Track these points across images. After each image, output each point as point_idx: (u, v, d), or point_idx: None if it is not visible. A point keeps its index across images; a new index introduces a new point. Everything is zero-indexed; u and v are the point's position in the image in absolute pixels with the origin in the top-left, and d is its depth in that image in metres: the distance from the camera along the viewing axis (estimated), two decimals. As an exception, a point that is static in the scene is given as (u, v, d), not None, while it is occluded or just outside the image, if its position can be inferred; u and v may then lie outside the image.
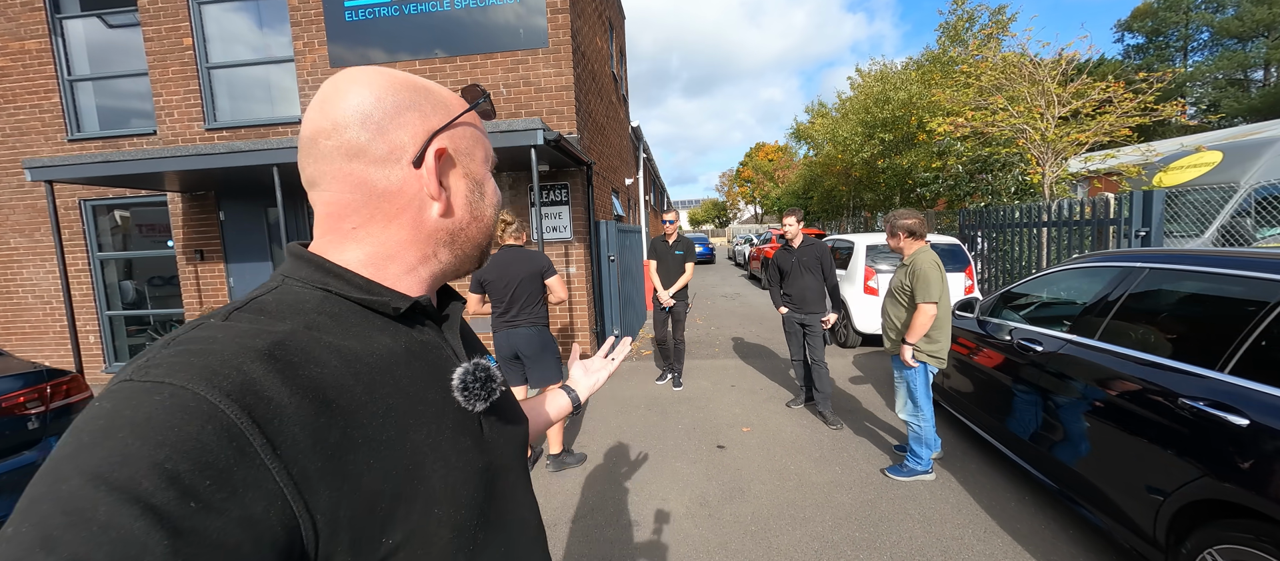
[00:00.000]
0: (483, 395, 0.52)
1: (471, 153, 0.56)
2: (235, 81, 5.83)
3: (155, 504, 0.30)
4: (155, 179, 5.08)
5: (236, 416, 0.35)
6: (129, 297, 6.74)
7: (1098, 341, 2.36)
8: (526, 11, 5.19)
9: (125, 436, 0.32)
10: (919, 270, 2.92)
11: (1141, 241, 5.41)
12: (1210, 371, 1.82)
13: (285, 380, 0.39)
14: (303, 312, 0.46)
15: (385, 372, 0.46)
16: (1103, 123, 6.68)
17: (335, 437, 0.40)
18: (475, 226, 0.57)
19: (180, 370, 0.36)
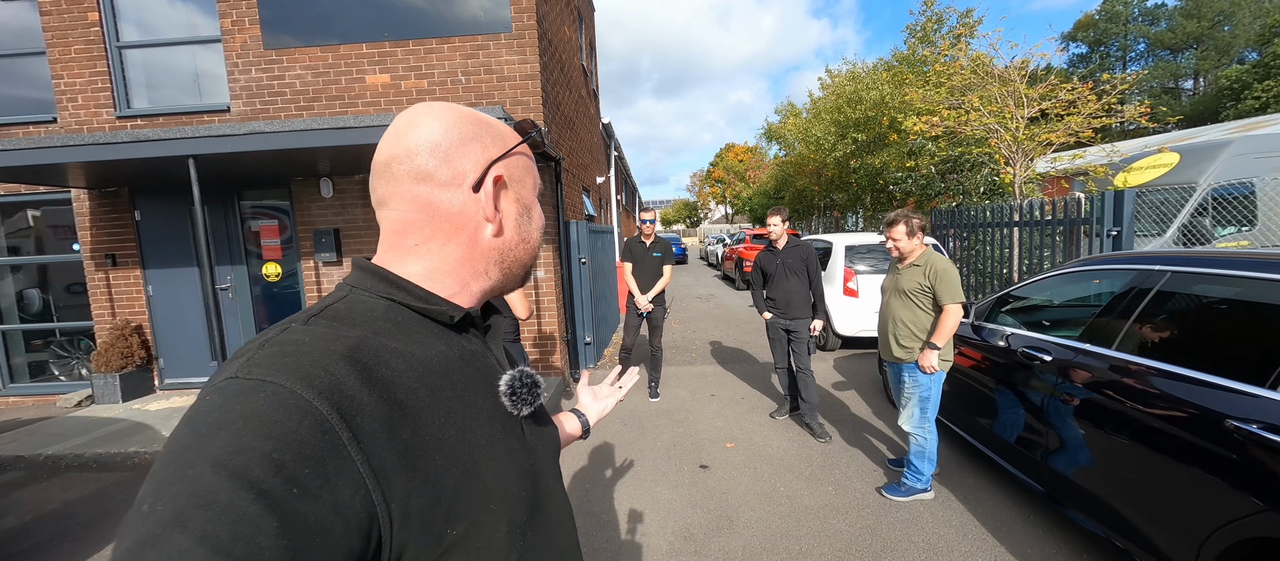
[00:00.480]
0: (529, 400, 0.57)
1: (522, 180, 0.62)
2: (154, 65, 5.15)
3: (266, 489, 0.34)
4: (51, 172, 4.38)
5: (328, 412, 0.39)
6: (35, 308, 5.91)
7: (1115, 351, 2.16)
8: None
9: (238, 428, 0.36)
10: (941, 269, 2.75)
11: (1113, 242, 5.41)
12: (1262, 389, 1.62)
13: (364, 380, 0.43)
14: (370, 320, 0.51)
15: (443, 377, 0.51)
16: (1069, 123, 6.74)
17: (407, 435, 0.44)
18: (523, 247, 0.62)
19: (278, 369, 0.40)
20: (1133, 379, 2.03)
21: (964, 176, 7.91)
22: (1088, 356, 2.28)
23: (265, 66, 4.92)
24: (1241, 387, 1.67)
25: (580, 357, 5.65)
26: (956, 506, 2.84)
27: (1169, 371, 1.91)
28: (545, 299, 5.13)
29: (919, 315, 2.85)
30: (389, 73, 4.87)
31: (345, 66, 4.88)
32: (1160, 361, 1.97)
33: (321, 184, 5.05)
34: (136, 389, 5.17)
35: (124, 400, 5.04)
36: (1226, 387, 1.71)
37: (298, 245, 5.20)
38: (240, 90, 4.95)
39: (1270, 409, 1.57)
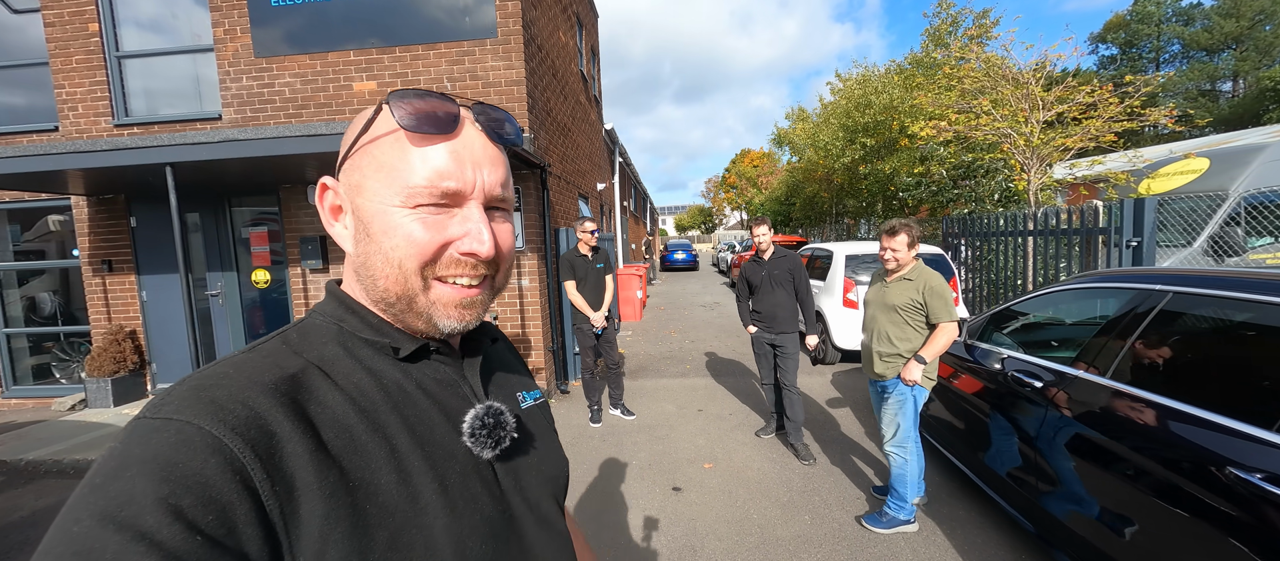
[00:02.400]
0: (490, 442, 0.50)
1: (361, 186, 0.48)
2: (154, 73, 5.23)
3: (160, 540, 0.31)
4: (50, 179, 4.46)
5: (239, 450, 0.36)
6: (46, 311, 6.07)
7: (1109, 380, 1.93)
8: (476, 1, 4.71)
9: (133, 474, 0.33)
10: (934, 286, 2.59)
11: (1133, 252, 5.09)
12: (1268, 433, 1.39)
13: (289, 415, 0.40)
14: (319, 346, 0.48)
15: (392, 410, 0.46)
16: (1089, 128, 6.40)
17: (333, 478, 0.40)
18: (366, 272, 0.49)
19: (189, 405, 0.37)
20: (1127, 412, 1.81)
21: (977, 183, 7.58)
22: (1080, 385, 2.06)
23: (256, 75, 4.95)
24: (1246, 429, 1.45)
25: (569, 369, 5.53)
26: (941, 541, 2.62)
27: (1166, 406, 1.69)
28: (530, 308, 5.03)
29: (909, 333, 2.66)
30: (376, 80, 4.85)
31: (333, 74, 4.88)
32: (1157, 394, 1.75)
33: (309, 191, 5.05)
34: (129, 394, 5.23)
35: (115, 405, 5.09)
36: (1229, 428, 1.49)
37: (286, 252, 5.20)
38: (231, 98, 4.99)
39: (1276, 457, 1.35)
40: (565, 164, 6.50)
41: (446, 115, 0.46)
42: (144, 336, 5.40)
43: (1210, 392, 1.62)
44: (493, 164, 0.49)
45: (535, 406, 0.64)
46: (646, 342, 7.67)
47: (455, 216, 0.48)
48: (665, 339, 7.89)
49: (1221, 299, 1.72)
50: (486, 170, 0.49)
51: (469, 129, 0.48)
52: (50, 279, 5.90)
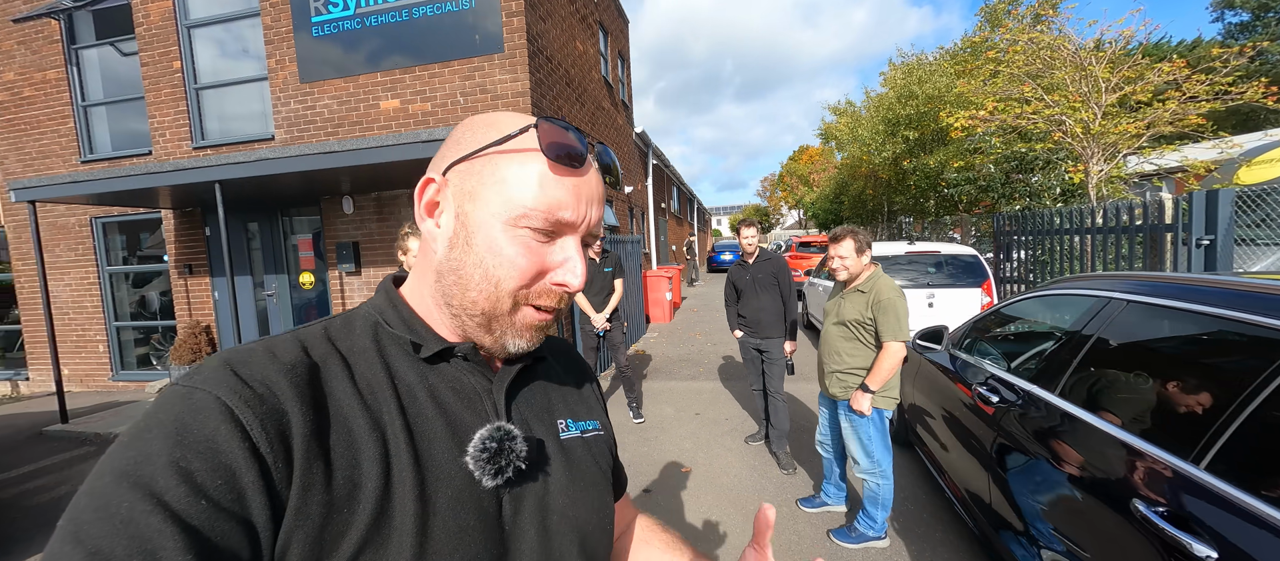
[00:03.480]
0: (490, 468, 0.46)
1: (475, 193, 0.48)
2: (225, 101, 6.01)
3: (168, 500, 0.33)
4: (144, 196, 5.28)
5: (248, 422, 0.37)
6: (154, 307, 7.14)
7: (1055, 398, 1.76)
8: (481, 15, 5.00)
9: (154, 436, 0.35)
10: (886, 300, 2.40)
11: (1205, 252, 4.47)
12: (1182, 462, 1.24)
13: (299, 397, 0.40)
14: (353, 338, 0.48)
15: (397, 412, 0.45)
16: (1162, 111, 5.64)
17: (317, 472, 0.39)
18: (453, 278, 0.49)
19: (213, 377, 0.39)
20: (1069, 433, 1.64)
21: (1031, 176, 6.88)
22: (1027, 404, 1.88)
23: (301, 98, 5.54)
24: (1165, 457, 1.29)
25: (578, 368, 5.69)
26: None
27: (1099, 429, 1.52)
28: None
29: (859, 349, 2.52)
30: (399, 97, 5.27)
31: (363, 94, 5.37)
32: (1097, 416, 1.57)
33: (344, 201, 5.58)
34: (203, 380, 6.03)
35: (192, 389, 5.90)
36: (1150, 456, 1.33)
37: (326, 257, 5.78)
38: (282, 120, 5.62)
39: (1182, 486, 1.19)
40: (581, 169, 6.68)
41: (582, 155, 0.48)
42: (216, 330, 6.20)
43: (1153, 414, 1.44)
44: (599, 202, 0.50)
45: (581, 439, 0.57)
46: (668, 344, 7.69)
47: (555, 245, 0.48)
48: (688, 341, 7.87)
49: (1170, 309, 1.53)
50: (595, 208, 0.49)
51: (592, 170, 0.49)
52: (163, 280, 6.92)
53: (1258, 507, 1.03)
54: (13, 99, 6.47)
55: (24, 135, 6.52)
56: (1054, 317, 2.19)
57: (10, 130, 6.54)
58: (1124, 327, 1.66)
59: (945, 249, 5.65)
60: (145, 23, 5.86)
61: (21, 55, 6.38)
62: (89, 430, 4.67)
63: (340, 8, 5.31)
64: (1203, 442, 1.21)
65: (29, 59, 6.35)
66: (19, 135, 6.53)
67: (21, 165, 6.58)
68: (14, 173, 6.60)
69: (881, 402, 2.47)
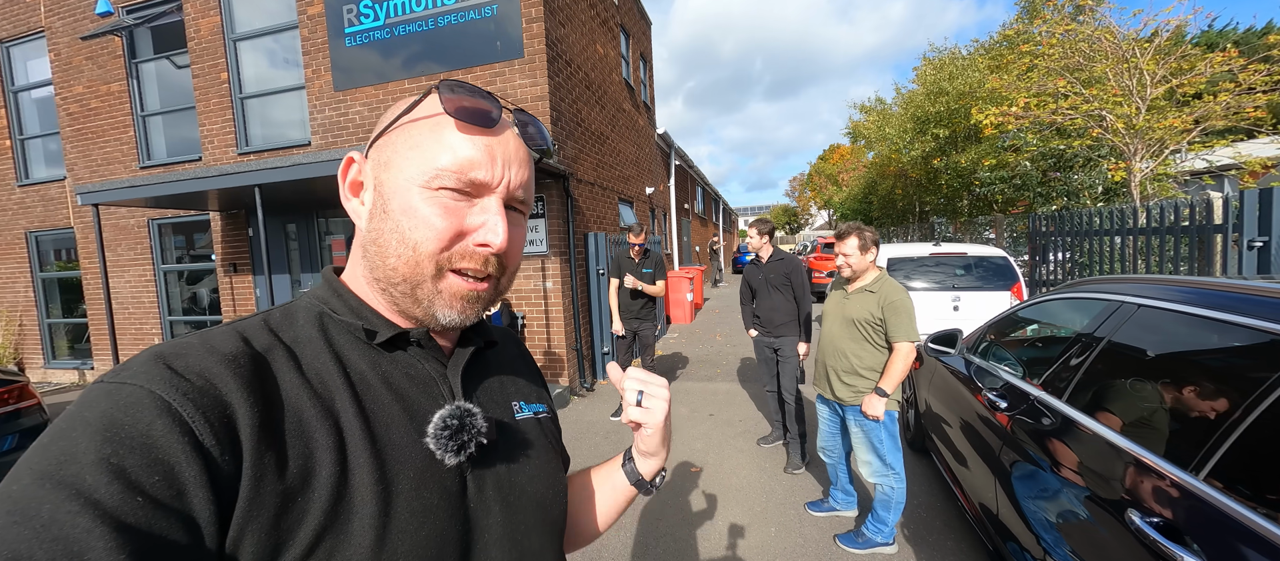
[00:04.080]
0: (451, 446, 0.46)
1: (389, 162, 0.48)
2: (266, 109, 6.38)
3: (98, 498, 0.31)
4: (194, 199, 5.66)
5: (189, 415, 0.36)
6: (204, 304, 7.63)
7: (1061, 403, 1.70)
8: (503, 23, 5.14)
9: (78, 434, 0.33)
10: (897, 301, 2.40)
11: (1258, 254, 4.20)
12: (1180, 471, 1.19)
13: (243, 388, 0.39)
14: (296, 327, 0.48)
15: (350, 400, 0.44)
16: (1213, 104, 5.30)
17: (269, 462, 0.38)
18: (375, 248, 0.48)
19: (144, 371, 0.37)
20: (1074, 440, 1.59)
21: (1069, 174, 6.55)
22: (1039, 409, 1.83)
23: (335, 106, 5.82)
24: (1163, 466, 1.24)
25: (597, 367, 5.77)
26: (911, 570, 2.43)
27: (1105, 437, 1.47)
28: (553, 309, 5.34)
29: (870, 351, 2.49)
30: (424, 104, 5.47)
31: (392, 101, 5.59)
32: (1098, 422, 1.52)
33: (373, 203, 5.83)
34: (246, 372, 6.41)
35: (236, 380, 6.28)
36: (1149, 464, 1.28)
37: (357, 256, 6.05)
38: (318, 127, 5.92)
39: (1178, 499, 1.15)
40: (600, 171, 6.76)
41: (493, 114, 0.48)
42: (257, 326, 6.58)
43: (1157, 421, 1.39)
44: (521, 165, 0.49)
45: (534, 420, 0.59)
46: (687, 345, 7.69)
47: (475, 206, 0.47)
48: (708, 342, 7.85)
49: (1182, 314, 1.46)
50: (515, 169, 0.49)
51: (507, 131, 0.49)
52: (212, 278, 7.39)
53: (1249, 518, 0.99)
54: (82, 110, 7.03)
55: (91, 143, 7.07)
56: (1067, 321, 2.11)
57: (79, 139, 7.10)
58: (1132, 332, 1.59)
59: (973, 250, 5.46)
60: (196, 37, 6.27)
61: (89, 70, 6.92)
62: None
63: (371, 19, 5.55)
64: (1202, 452, 1.16)
65: (95, 73, 6.88)
66: (87, 143, 7.09)
67: (88, 171, 7.14)
68: (82, 178, 7.17)
69: (890, 404, 2.44)
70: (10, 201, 7.85)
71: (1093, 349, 1.70)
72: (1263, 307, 1.20)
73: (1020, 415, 1.90)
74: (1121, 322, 1.65)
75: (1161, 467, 1.23)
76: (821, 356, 2.68)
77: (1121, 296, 1.72)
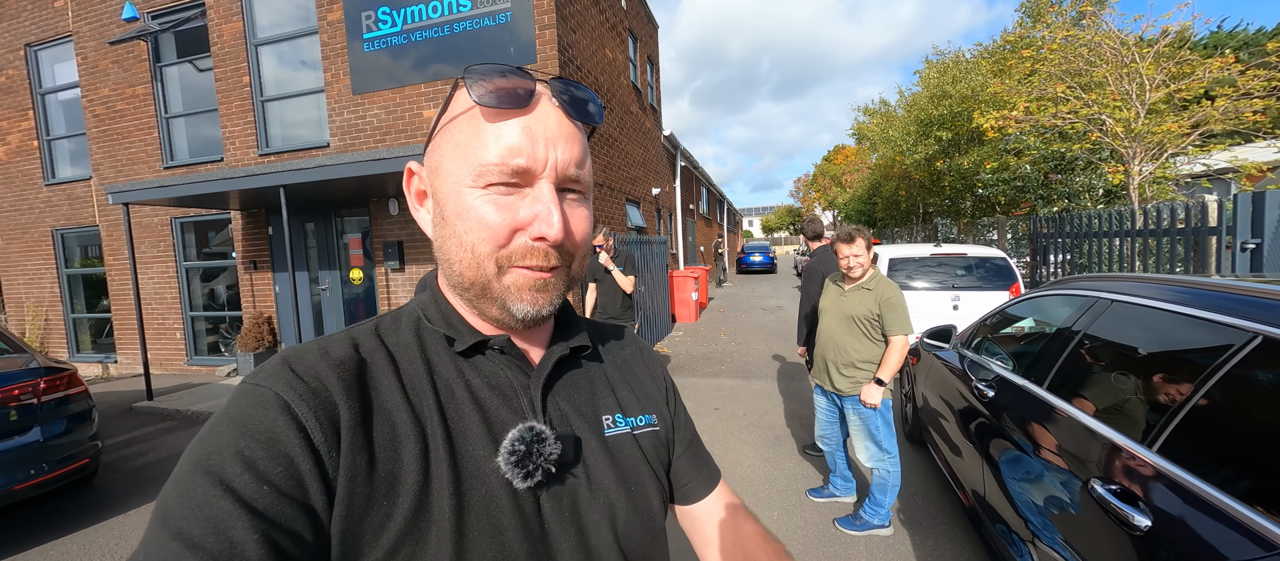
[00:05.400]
0: (520, 471, 0.44)
1: (439, 167, 0.48)
2: (286, 111, 6.59)
3: (235, 486, 0.36)
4: (217, 199, 5.87)
5: (302, 414, 0.39)
6: (221, 300, 7.87)
7: (1042, 391, 1.86)
8: (516, 29, 5.32)
9: (223, 429, 0.38)
10: (892, 297, 2.57)
11: (1250, 256, 4.32)
12: (1136, 445, 1.35)
13: (346, 390, 0.42)
14: (399, 332, 0.50)
15: (436, 408, 0.45)
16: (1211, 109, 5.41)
17: (360, 462, 0.40)
18: (442, 256, 0.49)
19: (273, 373, 0.42)
20: (1051, 424, 1.75)
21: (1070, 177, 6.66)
22: (1020, 396, 1.98)
23: (353, 109, 6.02)
24: (1126, 443, 1.39)
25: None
26: (905, 551, 2.58)
27: (1076, 418, 1.63)
28: (563, 306, 5.51)
29: (867, 345, 2.65)
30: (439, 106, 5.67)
31: (408, 104, 5.79)
32: (1071, 406, 1.68)
33: (390, 204, 6.02)
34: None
35: (256, 374, 6.49)
36: (1114, 442, 1.44)
37: (373, 255, 6.25)
38: (336, 129, 6.12)
39: (1134, 470, 1.31)
40: (609, 172, 6.93)
41: (523, 91, 0.45)
42: (277, 320, 6.79)
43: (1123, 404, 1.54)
44: (567, 141, 0.46)
45: (629, 437, 0.55)
46: (692, 343, 7.85)
47: (526, 197, 0.45)
48: (713, 340, 8.01)
49: (1147, 308, 1.61)
50: (560, 147, 0.46)
51: (545, 105, 0.46)
52: (229, 275, 7.63)
53: (1188, 481, 1.15)
54: (108, 112, 7.27)
55: (116, 144, 7.31)
56: (1050, 316, 2.26)
57: (105, 140, 7.35)
58: (1105, 325, 1.75)
59: (972, 251, 5.60)
60: (220, 42, 6.49)
61: (115, 73, 7.16)
62: (171, 407, 5.25)
63: (388, 24, 5.74)
64: (1155, 429, 1.32)
65: (121, 76, 7.12)
66: (112, 144, 7.33)
67: (113, 171, 7.38)
68: (107, 178, 7.41)
69: (885, 393, 2.60)
70: (37, 200, 8.11)
71: (1070, 341, 1.85)
72: (1210, 301, 1.35)
73: (1006, 403, 2.05)
74: (1096, 316, 1.80)
75: (1121, 442, 1.39)
76: (820, 350, 2.83)
77: (1097, 292, 1.87)
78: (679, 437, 0.63)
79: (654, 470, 0.56)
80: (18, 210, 8.26)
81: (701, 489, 0.64)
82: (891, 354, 2.53)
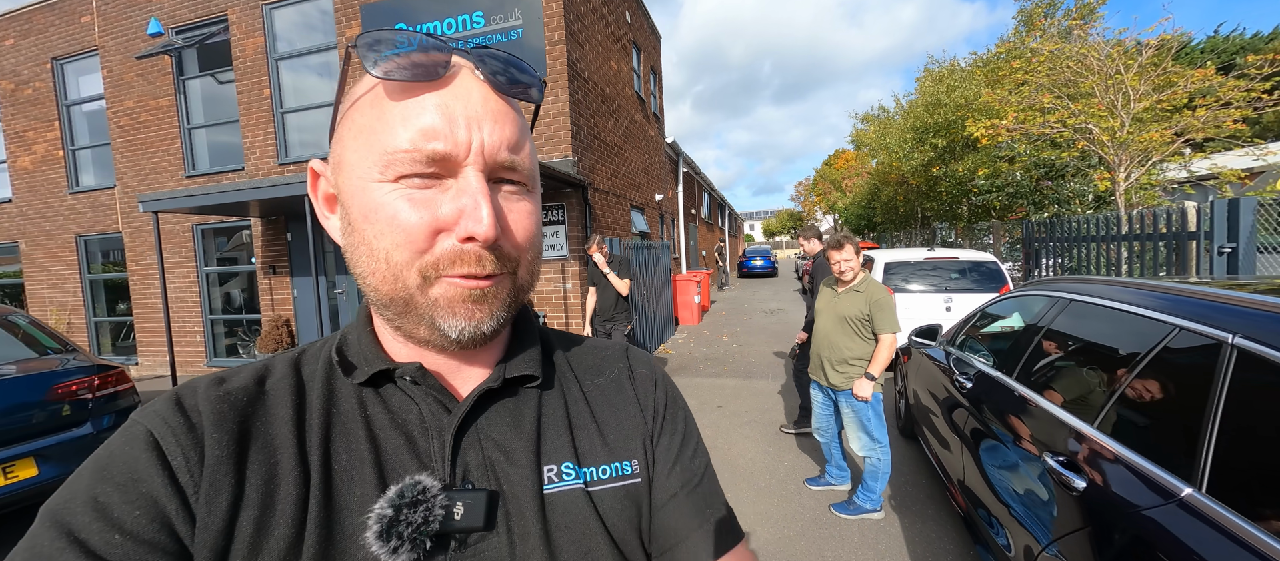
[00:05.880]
0: (385, 543, 0.35)
1: (341, 161, 0.40)
2: (304, 122, 6.87)
3: (84, 538, 0.32)
4: (238, 206, 6.14)
5: (169, 450, 0.35)
6: (237, 304, 8.13)
7: (1011, 380, 2.09)
8: (527, 44, 5.58)
9: (83, 475, 0.35)
10: (882, 299, 2.81)
11: (1228, 259, 4.56)
12: (1082, 423, 1.58)
13: (225, 425, 0.37)
14: (313, 361, 0.44)
15: (320, 446, 0.39)
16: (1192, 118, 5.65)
17: (222, 501, 0.35)
18: (355, 269, 0.40)
19: (155, 408, 0.38)
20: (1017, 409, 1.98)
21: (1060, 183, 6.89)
22: (994, 386, 2.21)
23: (370, 120, 6.29)
24: (1075, 423, 1.63)
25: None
26: (895, 533, 2.80)
27: (1035, 403, 1.86)
28: (572, 310, 5.75)
29: (858, 343, 2.88)
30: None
31: (423, 116, 6.05)
32: (1033, 392, 1.91)
33: (405, 210, 6.29)
34: (283, 367, 6.88)
35: (275, 375, 6.74)
36: (1066, 423, 1.67)
37: (389, 259, 6.51)
38: (354, 139, 6.39)
39: (1077, 443, 1.54)
40: (615, 179, 7.19)
41: (433, 62, 0.37)
42: (294, 322, 7.04)
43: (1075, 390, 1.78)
44: (496, 120, 0.38)
45: (581, 491, 0.43)
46: (694, 345, 8.07)
47: (449, 190, 0.37)
48: (714, 342, 8.23)
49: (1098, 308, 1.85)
50: (488, 128, 0.38)
51: (465, 78, 0.39)
52: (240, 279, 7.89)
53: (1120, 452, 1.38)
54: (132, 123, 7.56)
55: (140, 154, 7.59)
56: (1023, 313, 2.49)
57: (130, 150, 7.63)
58: (1064, 321, 1.98)
59: (964, 255, 5.83)
60: (242, 57, 6.77)
61: (139, 86, 7.45)
62: (197, 406, 5.50)
63: (405, 40, 6.01)
64: (1099, 408, 1.55)
65: (145, 89, 7.41)
66: (136, 154, 7.61)
67: (137, 179, 7.66)
68: (131, 186, 7.69)
69: (876, 387, 2.83)
70: (62, 207, 8.39)
71: (1035, 335, 2.09)
72: (1144, 300, 1.59)
73: (981, 393, 2.28)
74: (1057, 313, 2.04)
75: (1068, 420, 1.62)
76: (816, 349, 3.06)
77: (1058, 293, 2.11)
78: (671, 473, 0.48)
79: (613, 540, 0.43)
80: (43, 217, 8.54)
81: (700, 550, 0.46)
82: (881, 351, 2.77)
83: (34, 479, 2.90)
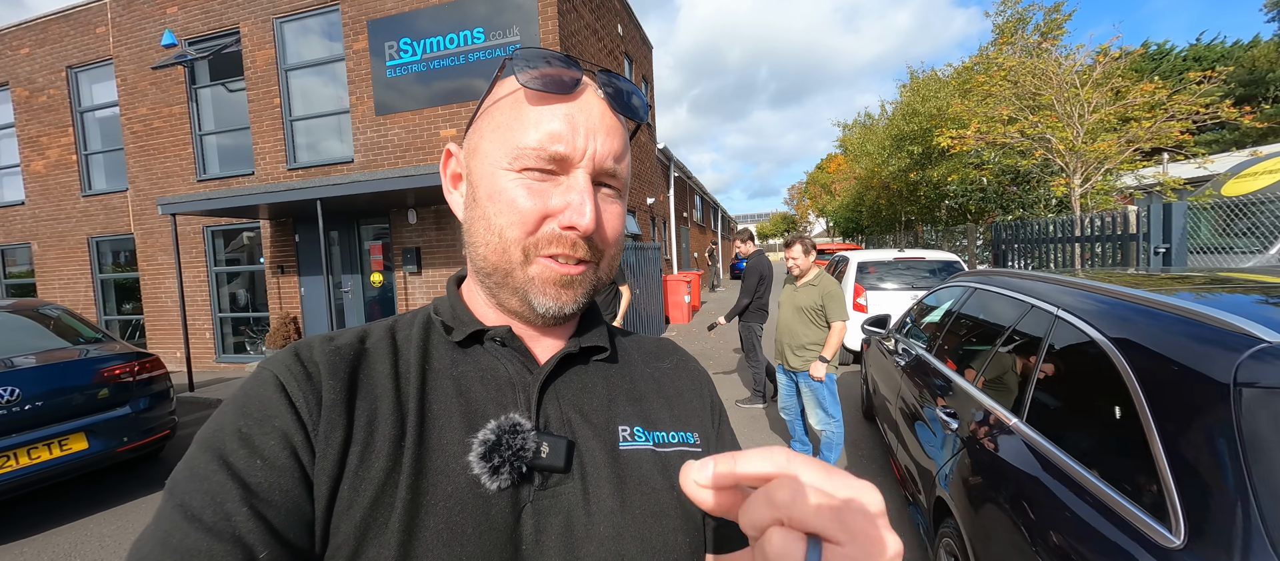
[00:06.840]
0: (487, 463, 0.40)
1: (476, 149, 0.47)
2: (312, 130, 7.24)
3: (231, 461, 0.37)
4: (249, 209, 6.49)
5: (293, 393, 0.40)
6: (242, 302, 8.45)
7: (929, 355, 2.50)
8: (524, 60, 5.98)
9: (227, 411, 0.40)
10: (833, 291, 3.21)
11: (1162, 258, 5.02)
12: (967, 383, 1.99)
13: (337, 373, 0.42)
14: (410, 328, 0.49)
15: (418, 396, 0.44)
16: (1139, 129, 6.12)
17: (335, 440, 0.40)
18: (469, 239, 0.48)
19: (278, 359, 0.43)
20: (929, 377, 2.39)
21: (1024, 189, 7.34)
22: (913, 359, 2.62)
23: (376, 129, 6.67)
24: (957, 379, 2.04)
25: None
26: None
27: (938, 370, 2.27)
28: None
29: (813, 330, 3.29)
30: (455, 127, 6.32)
31: (427, 125, 6.44)
32: (940, 362, 2.32)
33: (409, 214, 6.66)
34: (291, 362, 7.23)
35: (283, 369, 7.09)
36: (957, 385, 2.08)
37: (393, 260, 6.88)
38: (360, 147, 6.77)
39: (964, 400, 1.95)
40: (607, 185, 7.59)
41: (569, 79, 0.44)
42: (302, 320, 7.39)
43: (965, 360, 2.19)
44: (608, 134, 0.45)
45: (651, 452, 0.47)
46: (682, 341, 8.47)
47: (560, 185, 0.44)
48: (700, 339, 8.63)
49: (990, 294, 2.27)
50: (601, 139, 0.44)
51: (589, 95, 0.45)
52: (244, 279, 8.22)
53: (988, 403, 1.79)
54: (145, 129, 7.90)
55: (153, 159, 7.94)
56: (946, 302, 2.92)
57: (143, 155, 7.97)
58: (970, 306, 2.40)
59: (930, 255, 6.28)
60: (253, 67, 7.14)
61: (153, 94, 7.80)
62: (211, 397, 5.85)
63: (409, 53, 6.41)
64: (979, 371, 1.96)
65: (159, 97, 7.76)
66: (149, 159, 7.95)
67: (150, 184, 8.00)
68: (144, 190, 8.03)
69: (831, 368, 3.23)
70: (75, 210, 8.71)
71: (950, 318, 2.50)
72: (1017, 286, 2.01)
73: (912, 367, 2.69)
74: (966, 299, 2.45)
75: (955, 380, 2.03)
76: (779, 337, 3.47)
77: (970, 283, 2.52)
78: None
79: (682, 501, 0.46)
80: (56, 220, 8.86)
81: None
82: (832, 336, 3.17)
83: (84, 452, 3.26)
